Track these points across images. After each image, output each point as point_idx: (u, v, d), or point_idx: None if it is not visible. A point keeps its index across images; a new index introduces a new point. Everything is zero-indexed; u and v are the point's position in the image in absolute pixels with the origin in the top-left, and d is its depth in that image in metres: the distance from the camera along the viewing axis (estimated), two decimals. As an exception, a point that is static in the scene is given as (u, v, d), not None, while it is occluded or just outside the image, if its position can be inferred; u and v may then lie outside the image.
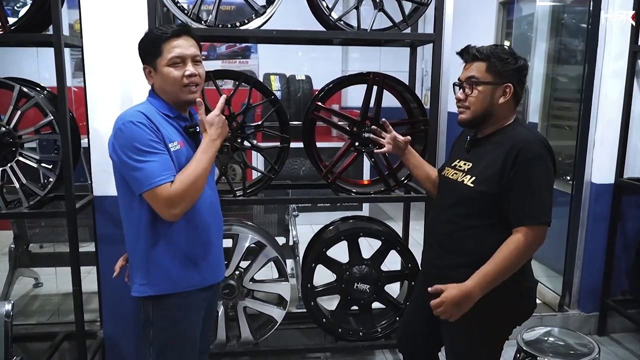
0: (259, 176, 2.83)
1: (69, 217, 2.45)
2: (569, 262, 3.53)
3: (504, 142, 1.80)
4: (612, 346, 3.39)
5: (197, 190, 1.75)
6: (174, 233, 1.80)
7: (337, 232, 2.84)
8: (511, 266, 1.75)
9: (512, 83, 1.82)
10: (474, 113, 1.87)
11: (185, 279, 1.85)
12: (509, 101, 1.84)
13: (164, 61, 1.77)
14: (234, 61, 7.19)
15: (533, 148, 1.75)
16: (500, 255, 1.74)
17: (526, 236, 1.73)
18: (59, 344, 2.93)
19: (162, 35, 1.77)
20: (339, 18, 2.62)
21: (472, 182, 1.85)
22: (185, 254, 1.84)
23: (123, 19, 2.54)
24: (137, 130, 1.68)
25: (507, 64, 1.81)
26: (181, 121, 1.86)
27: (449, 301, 1.74)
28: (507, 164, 1.75)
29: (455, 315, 1.76)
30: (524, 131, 1.83)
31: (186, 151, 1.81)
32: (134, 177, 1.69)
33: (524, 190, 1.75)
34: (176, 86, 1.78)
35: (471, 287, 1.74)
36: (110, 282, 2.76)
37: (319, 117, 2.70)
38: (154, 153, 1.68)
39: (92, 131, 2.65)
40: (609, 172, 3.34)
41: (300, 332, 3.20)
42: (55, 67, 2.34)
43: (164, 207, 1.70)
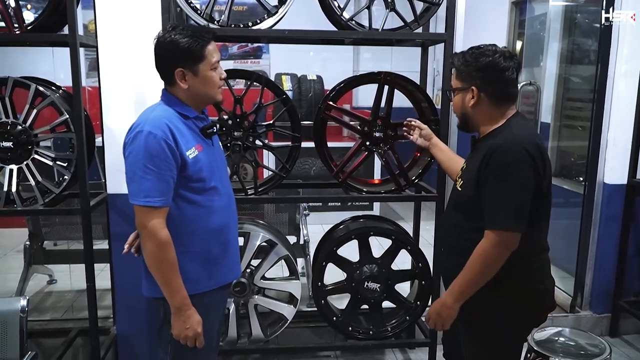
0: (270, 175, 2.85)
1: (83, 215, 2.49)
2: (581, 263, 3.51)
3: (487, 145, 1.78)
4: (624, 347, 3.37)
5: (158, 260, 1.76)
6: (194, 234, 1.82)
7: (348, 231, 2.85)
8: (481, 273, 1.76)
9: (475, 85, 1.81)
10: (458, 118, 1.96)
11: (206, 279, 1.87)
12: (482, 102, 1.83)
13: (208, 65, 1.78)
14: (246, 61, 7.22)
15: (506, 152, 1.71)
16: (469, 263, 1.77)
17: (491, 241, 1.73)
18: (73, 340, 2.97)
19: (206, 39, 1.77)
20: (351, 18, 2.63)
21: (461, 186, 1.89)
22: (206, 254, 1.86)
23: (137, 19, 2.57)
24: (154, 147, 1.69)
25: (468, 66, 1.82)
26: (199, 121, 1.87)
27: (431, 313, 1.89)
28: (482, 167, 1.75)
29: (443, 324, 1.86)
30: (508, 134, 1.78)
31: (204, 154, 1.83)
32: (130, 185, 1.73)
33: (492, 195, 1.73)
34: (214, 88, 1.83)
35: (444, 298, 1.84)
36: (124, 279, 2.81)
37: (330, 116, 2.71)
38: (156, 173, 1.69)
39: (106, 130, 2.69)
40: (622, 172, 3.32)
41: (311, 330, 3.22)
42: (71, 67, 2.38)
43: (143, 227, 1.73)
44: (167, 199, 1.74)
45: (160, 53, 1.78)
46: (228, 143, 2.60)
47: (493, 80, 1.80)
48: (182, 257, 1.79)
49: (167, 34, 1.76)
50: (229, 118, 2.58)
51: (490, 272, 1.75)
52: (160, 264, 1.74)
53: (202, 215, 1.83)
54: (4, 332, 2.11)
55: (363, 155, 2.76)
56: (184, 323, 1.78)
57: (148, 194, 1.69)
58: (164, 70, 1.80)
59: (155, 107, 1.82)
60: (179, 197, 1.78)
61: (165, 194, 1.72)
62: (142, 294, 1.90)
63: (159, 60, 1.80)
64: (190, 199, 1.80)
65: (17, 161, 2.48)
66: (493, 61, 1.78)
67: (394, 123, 2.70)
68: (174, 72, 1.77)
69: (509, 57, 1.79)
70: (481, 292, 1.80)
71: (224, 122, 2.58)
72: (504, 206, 1.71)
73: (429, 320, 1.90)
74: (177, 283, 1.76)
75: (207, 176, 1.83)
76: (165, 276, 1.75)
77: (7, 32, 2.40)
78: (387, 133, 2.70)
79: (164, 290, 1.77)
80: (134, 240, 2.00)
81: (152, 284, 1.80)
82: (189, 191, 1.80)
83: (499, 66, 1.78)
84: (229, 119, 2.58)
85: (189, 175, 1.77)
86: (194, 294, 1.82)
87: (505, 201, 1.71)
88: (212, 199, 1.86)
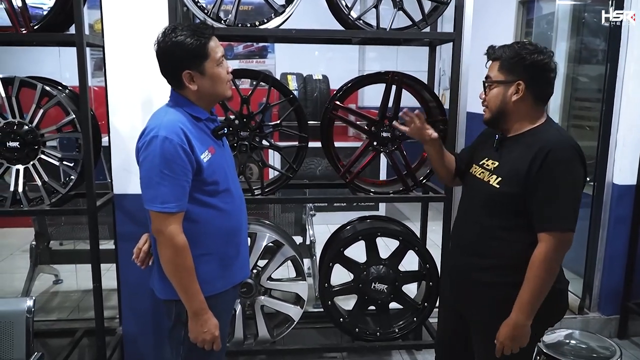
0: (276, 175, 2.84)
1: (89, 215, 2.48)
2: (590, 264, 3.48)
3: (534, 143, 1.75)
4: (633, 350, 3.34)
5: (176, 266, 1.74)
6: (210, 236, 1.82)
7: (355, 232, 2.84)
8: (545, 281, 1.72)
9: (523, 80, 1.77)
10: (491, 112, 1.87)
11: (220, 279, 1.87)
12: (526, 99, 1.79)
13: (213, 62, 1.76)
14: (251, 61, 7.21)
15: (562, 152, 1.70)
16: (531, 274, 1.72)
17: (549, 245, 1.69)
18: (79, 340, 2.97)
19: (206, 36, 1.74)
20: (358, 17, 2.61)
21: (497, 182, 1.81)
22: (222, 255, 1.86)
23: (144, 18, 2.56)
24: (170, 152, 1.67)
25: (517, 60, 1.77)
26: (210, 123, 1.86)
27: (504, 341, 1.78)
28: (534, 165, 1.71)
29: (522, 345, 1.78)
30: (556, 134, 1.77)
31: (217, 156, 1.82)
32: (146, 191, 1.72)
33: (548, 195, 1.70)
34: (223, 84, 1.81)
35: (515, 318, 1.75)
36: (130, 280, 2.80)
37: (337, 116, 2.69)
38: (172, 178, 1.68)
39: (112, 130, 2.68)
40: (631, 173, 3.29)
41: (317, 331, 3.21)
42: (78, 66, 2.37)
43: (160, 233, 1.71)
44: (183, 204, 1.72)
45: (164, 58, 1.75)
46: (235, 143, 2.59)
47: (540, 79, 1.79)
48: (198, 260, 1.78)
49: (167, 37, 1.73)
50: (236, 118, 2.57)
51: (553, 276, 1.73)
52: (177, 270, 1.73)
53: (217, 218, 1.83)
54: (11, 333, 2.10)
55: (370, 156, 2.75)
56: (201, 327, 1.78)
57: (164, 200, 1.68)
58: (171, 75, 1.78)
59: (167, 109, 1.80)
60: (194, 200, 1.77)
61: (181, 199, 1.71)
62: (151, 294, 1.90)
63: (164, 65, 1.77)
64: (205, 201, 1.79)
65: (23, 161, 2.47)
66: (542, 60, 1.77)
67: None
68: (181, 75, 1.74)
69: (553, 59, 1.80)
70: (501, 293, 1.79)
71: (231, 122, 2.56)
72: (563, 205, 1.70)
73: (503, 348, 1.79)
74: (194, 288, 1.75)
75: (221, 179, 1.82)
76: (183, 282, 1.74)
77: (13, 31, 2.40)
78: (395, 133, 2.68)
79: (182, 295, 1.76)
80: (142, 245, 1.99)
81: (167, 286, 1.79)
82: (204, 194, 1.79)
83: (549, 66, 1.78)
84: (236, 119, 2.57)
85: (203, 179, 1.76)
86: (209, 295, 1.82)
87: (564, 200, 1.69)
88: (226, 201, 1.85)
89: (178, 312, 1.83)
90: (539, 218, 1.72)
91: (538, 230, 1.72)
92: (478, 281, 1.84)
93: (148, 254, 1.99)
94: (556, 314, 1.90)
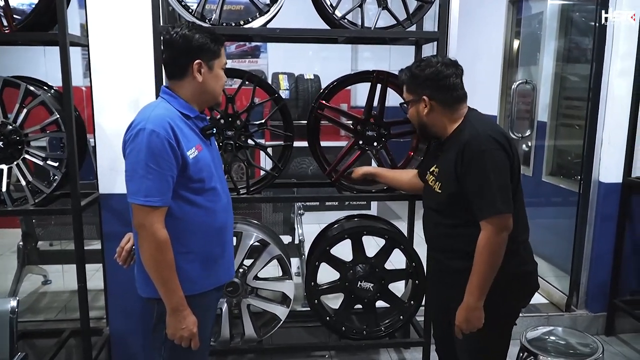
0: (263, 174, 2.84)
1: (74, 215, 2.48)
2: (577, 262, 3.50)
3: (456, 142, 1.90)
4: (619, 346, 3.35)
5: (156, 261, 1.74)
6: (195, 235, 1.82)
7: (341, 231, 2.84)
8: (491, 263, 1.82)
9: (425, 94, 1.95)
10: (417, 129, 2.11)
11: (204, 279, 1.87)
12: (436, 109, 1.96)
13: (220, 64, 1.85)
14: (244, 61, 7.21)
15: (477, 144, 1.82)
16: (477, 260, 1.84)
17: (490, 230, 1.80)
18: (66, 340, 2.97)
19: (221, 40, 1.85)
20: (343, 16, 2.61)
21: (439, 188, 1.97)
22: (206, 254, 1.86)
23: (128, 17, 2.57)
24: (157, 146, 1.67)
25: (413, 80, 1.97)
26: (199, 121, 1.87)
27: (460, 323, 1.91)
28: (457, 164, 1.85)
29: (476, 326, 1.89)
30: (471, 128, 1.89)
31: (204, 154, 1.82)
32: (130, 184, 1.72)
33: (475, 186, 1.82)
34: (221, 88, 1.90)
35: (467, 301, 1.88)
36: (117, 280, 2.80)
37: (323, 115, 2.70)
38: (158, 172, 1.68)
39: (98, 129, 2.68)
40: (617, 171, 3.31)
41: (305, 330, 3.22)
42: (61, 66, 2.37)
43: (141, 227, 1.71)
44: (167, 199, 1.72)
45: (181, 44, 1.77)
46: (220, 142, 2.59)
47: (440, 87, 1.94)
48: (182, 258, 1.79)
49: (186, 28, 1.79)
50: (221, 117, 2.57)
51: (498, 259, 1.82)
52: (158, 264, 1.73)
53: (203, 216, 1.83)
54: (-6, 333, 2.10)
55: (356, 154, 2.75)
56: (179, 323, 1.78)
57: (148, 194, 1.68)
58: (181, 63, 1.79)
59: (157, 104, 1.81)
60: (180, 197, 1.77)
61: (165, 194, 1.71)
62: (138, 294, 1.89)
63: (177, 50, 1.79)
64: (191, 199, 1.80)
65: (7, 161, 2.47)
66: (436, 70, 1.93)
67: (387, 122, 2.69)
68: (192, 63, 1.78)
69: (451, 65, 1.95)
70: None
71: (216, 122, 2.57)
72: (489, 192, 1.80)
73: (461, 331, 1.92)
74: (174, 283, 1.75)
75: (207, 176, 1.83)
76: (162, 276, 1.74)
77: (-3, 31, 2.40)
78: (380, 132, 2.69)
79: (161, 290, 1.76)
80: (125, 244, 2.00)
81: (148, 284, 1.79)
82: (190, 192, 1.79)
83: (443, 74, 1.93)
84: (221, 118, 2.57)
85: (189, 176, 1.77)
86: (192, 294, 1.82)
87: (489, 187, 1.79)
88: (212, 199, 1.86)
89: (160, 311, 1.82)
90: (475, 209, 1.84)
91: (479, 219, 1.83)
92: (450, 268, 1.99)
93: (130, 254, 1.99)
94: (529, 295, 2.02)
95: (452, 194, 1.90)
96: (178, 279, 1.76)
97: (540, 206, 4.52)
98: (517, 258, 1.91)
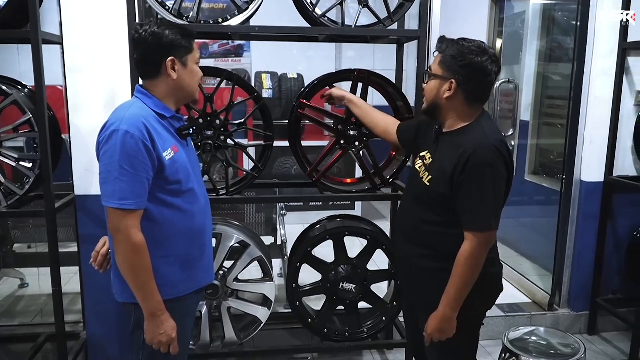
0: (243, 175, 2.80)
1: (47, 217, 2.42)
2: (559, 261, 3.50)
3: (460, 144, 1.79)
4: (602, 345, 3.36)
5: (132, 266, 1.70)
6: (173, 238, 1.78)
7: (323, 232, 2.80)
8: (471, 275, 1.79)
9: (456, 79, 1.79)
10: (427, 103, 1.92)
11: (184, 282, 1.83)
12: (457, 97, 1.82)
13: (194, 59, 1.80)
14: (227, 60, 7.13)
15: (482, 155, 1.74)
16: (456, 271, 1.79)
17: (473, 244, 1.76)
18: (42, 345, 2.91)
19: (193, 34, 1.79)
20: (323, 14, 2.59)
21: (428, 181, 1.88)
22: (185, 257, 1.82)
23: (104, 14, 2.51)
24: (131, 147, 1.62)
25: (455, 58, 1.79)
26: (175, 121, 1.82)
27: (432, 333, 1.86)
28: (458, 169, 1.76)
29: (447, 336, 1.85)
30: (480, 134, 1.79)
31: (180, 155, 1.78)
32: (104, 186, 1.67)
33: (470, 198, 1.76)
34: (197, 84, 1.84)
35: (443, 311, 1.83)
36: (94, 283, 2.74)
37: (304, 114, 2.66)
38: (133, 174, 1.63)
39: (73, 129, 2.62)
40: (599, 170, 3.32)
41: (288, 332, 3.18)
42: (33, 64, 2.31)
43: (116, 230, 1.66)
44: (142, 202, 1.68)
45: (151, 42, 1.72)
46: (199, 142, 2.54)
47: (475, 80, 1.80)
48: (161, 262, 1.75)
49: (155, 25, 1.74)
50: (200, 117, 2.53)
51: (478, 272, 1.79)
52: (133, 269, 1.69)
53: (181, 219, 1.79)
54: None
55: (337, 154, 2.72)
56: (157, 328, 1.73)
57: (123, 196, 1.63)
58: (152, 61, 1.74)
59: (131, 104, 1.76)
60: (157, 200, 1.73)
61: (141, 197, 1.67)
62: (115, 299, 1.85)
63: (148, 50, 1.74)
64: (168, 202, 1.75)
65: (-21, 162, 2.41)
66: (481, 63, 1.77)
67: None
68: (164, 61, 1.73)
69: (495, 62, 1.79)
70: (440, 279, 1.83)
71: (195, 121, 2.52)
72: (485, 208, 1.76)
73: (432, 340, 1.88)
74: (151, 287, 1.71)
75: (184, 178, 1.78)
76: (139, 281, 1.70)
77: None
78: (362, 131, 2.66)
79: (138, 295, 1.71)
80: (101, 248, 1.95)
81: (125, 289, 1.75)
82: (167, 194, 1.75)
83: (486, 69, 1.78)
84: (200, 118, 2.53)
85: (166, 177, 1.72)
86: (171, 298, 1.78)
87: (486, 203, 1.75)
88: (190, 201, 1.82)
89: (137, 316, 1.78)
90: (464, 218, 1.79)
91: (464, 228, 1.79)
92: (419, 267, 1.93)
93: (106, 258, 1.94)
94: (495, 295, 1.98)
95: (442, 193, 1.82)
96: (156, 283, 1.72)
97: (523, 205, 4.53)
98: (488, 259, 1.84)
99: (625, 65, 3.19)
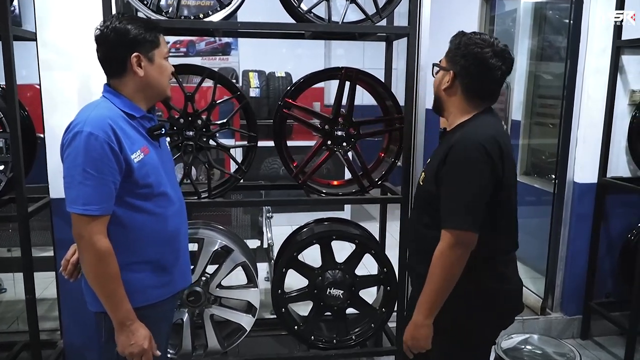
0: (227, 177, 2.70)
1: (20, 222, 2.31)
2: (552, 264, 3.43)
3: (451, 140, 1.69)
4: (595, 350, 3.30)
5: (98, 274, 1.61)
6: (145, 243, 1.70)
7: (310, 236, 2.71)
8: (443, 278, 1.64)
9: (454, 70, 1.71)
10: (434, 97, 1.85)
11: (158, 288, 1.75)
12: (455, 90, 1.73)
13: (162, 53, 1.71)
14: (214, 58, 7.02)
15: (462, 150, 1.62)
16: (429, 271, 1.67)
17: (446, 242, 1.63)
18: (17, 354, 2.80)
19: (158, 28, 1.70)
20: (309, 10, 2.49)
21: (422, 180, 1.80)
22: (159, 263, 1.74)
23: (79, 9, 2.41)
24: (95, 150, 1.53)
25: (457, 49, 1.71)
26: (145, 121, 1.73)
27: (406, 340, 1.75)
28: (441, 163, 1.67)
29: (422, 346, 1.72)
30: (470, 130, 1.68)
31: (151, 157, 1.69)
32: (68, 191, 1.58)
33: (446, 193, 1.66)
34: (167, 80, 1.75)
35: (414, 317, 1.71)
36: (71, 290, 2.61)
37: (289, 114, 2.57)
38: (97, 178, 1.54)
39: (48, 129, 2.51)
40: (592, 171, 3.25)
41: (274, 339, 3.09)
42: (4, 62, 2.20)
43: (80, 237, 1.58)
44: (108, 207, 1.59)
45: (114, 39, 1.63)
46: (180, 143, 2.44)
47: (474, 73, 1.69)
48: (129, 268, 1.66)
49: (116, 21, 1.64)
50: (181, 116, 2.42)
51: (452, 275, 1.64)
52: (99, 277, 1.60)
53: (152, 223, 1.70)
54: None
55: (324, 156, 2.63)
56: (127, 339, 1.64)
57: (87, 202, 1.54)
58: (117, 58, 1.65)
59: (98, 103, 1.66)
60: (126, 204, 1.64)
61: (106, 202, 1.58)
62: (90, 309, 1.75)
63: (111, 46, 1.64)
64: (139, 206, 1.66)
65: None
66: (481, 54, 1.66)
67: (357, 121, 2.57)
68: (129, 58, 1.63)
69: (500, 55, 1.68)
70: None
71: (175, 121, 2.42)
72: (456, 205, 1.63)
73: (407, 348, 1.77)
74: (119, 296, 1.61)
75: (155, 181, 1.69)
76: (106, 289, 1.61)
77: None
78: (349, 132, 2.57)
79: (105, 303, 1.62)
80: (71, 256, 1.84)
81: (96, 297, 1.66)
82: (137, 198, 1.66)
83: (486, 62, 1.66)
84: (180, 118, 2.42)
85: (135, 181, 1.63)
86: (145, 305, 1.70)
87: (458, 199, 1.63)
88: (163, 205, 1.73)
89: (109, 326, 1.69)
90: (442, 215, 1.66)
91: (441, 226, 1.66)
92: (419, 274, 1.77)
93: (77, 266, 1.84)
94: (506, 316, 1.82)
95: (430, 191, 1.72)
96: (128, 290, 1.63)
97: (515, 206, 4.45)
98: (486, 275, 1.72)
99: (619, 64, 3.12)
